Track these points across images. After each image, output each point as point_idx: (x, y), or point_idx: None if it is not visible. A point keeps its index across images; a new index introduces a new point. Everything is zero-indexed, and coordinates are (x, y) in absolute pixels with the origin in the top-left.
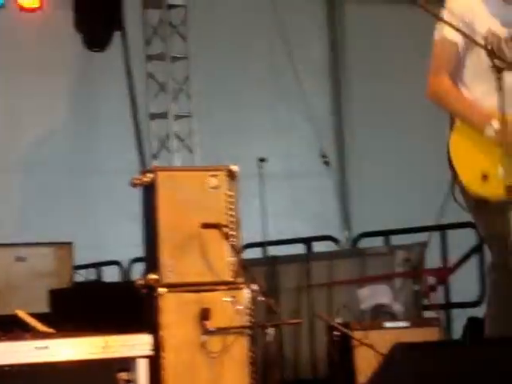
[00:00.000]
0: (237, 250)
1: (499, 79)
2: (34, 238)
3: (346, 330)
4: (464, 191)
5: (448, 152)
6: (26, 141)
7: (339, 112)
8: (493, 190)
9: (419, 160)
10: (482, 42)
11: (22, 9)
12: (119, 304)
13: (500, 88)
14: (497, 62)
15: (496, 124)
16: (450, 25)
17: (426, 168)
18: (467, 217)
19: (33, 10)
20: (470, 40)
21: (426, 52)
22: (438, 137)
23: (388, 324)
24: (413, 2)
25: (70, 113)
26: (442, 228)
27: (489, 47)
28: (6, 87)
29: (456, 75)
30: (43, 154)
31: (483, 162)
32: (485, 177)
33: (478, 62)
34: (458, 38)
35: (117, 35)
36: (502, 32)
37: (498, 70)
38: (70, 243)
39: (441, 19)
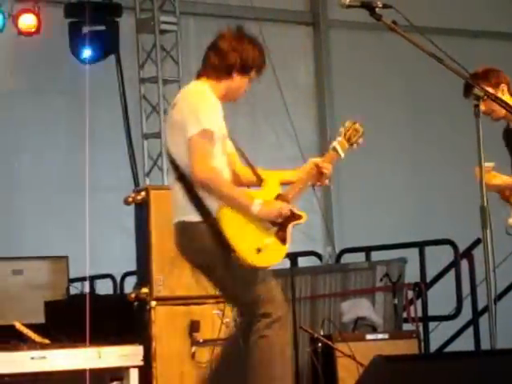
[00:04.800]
0: None
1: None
2: (31, 252)
3: (328, 342)
4: (240, 262)
5: (218, 229)
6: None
7: (324, 134)
8: (267, 260)
9: (398, 181)
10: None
11: (20, 33)
12: (112, 316)
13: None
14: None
15: (259, 202)
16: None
17: (404, 189)
18: (444, 234)
19: (31, 34)
20: None
21: (409, 76)
22: (417, 161)
23: (369, 336)
24: (391, 29)
25: (66, 132)
26: (420, 244)
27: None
28: (4, 108)
29: None
30: (40, 172)
31: (254, 237)
32: (258, 250)
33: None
34: (215, 129)
35: (112, 59)
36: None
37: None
38: (65, 257)
39: (413, 42)
